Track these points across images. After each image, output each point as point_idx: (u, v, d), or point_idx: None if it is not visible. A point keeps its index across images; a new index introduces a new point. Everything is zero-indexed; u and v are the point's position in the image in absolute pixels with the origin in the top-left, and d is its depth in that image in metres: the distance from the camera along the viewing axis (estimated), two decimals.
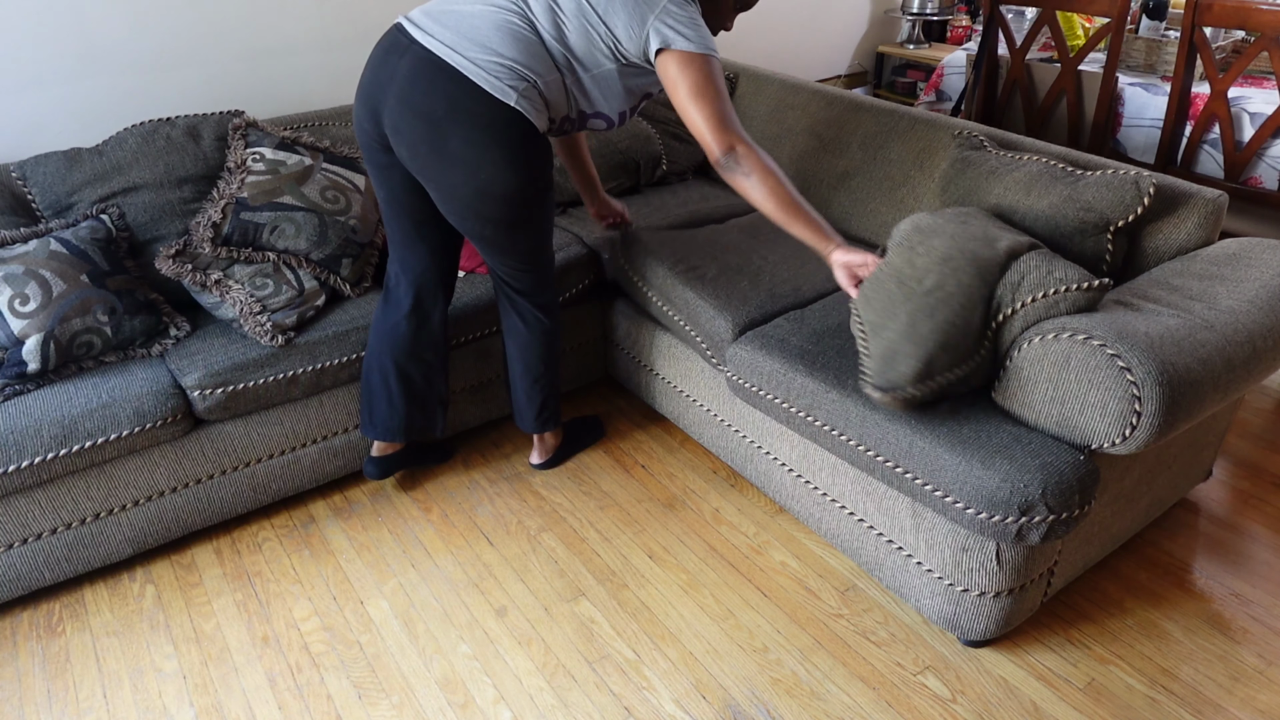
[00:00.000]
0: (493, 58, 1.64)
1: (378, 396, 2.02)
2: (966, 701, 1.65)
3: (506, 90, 1.64)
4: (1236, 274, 1.70)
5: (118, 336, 1.93)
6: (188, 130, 2.19)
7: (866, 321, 1.64)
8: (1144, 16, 3.11)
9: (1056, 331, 1.52)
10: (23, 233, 1.95)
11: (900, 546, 1.74)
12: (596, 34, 1.71)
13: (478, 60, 1.64)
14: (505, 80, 1.64)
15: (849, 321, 1.70)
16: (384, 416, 2.03)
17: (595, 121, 1.86)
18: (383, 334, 1.98)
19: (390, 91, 1.68)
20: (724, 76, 1.73)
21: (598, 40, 1.71)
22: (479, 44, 1.64)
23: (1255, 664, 1.71)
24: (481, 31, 1.65)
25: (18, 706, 1.69)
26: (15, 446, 1.72)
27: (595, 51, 1.72)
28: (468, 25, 1.66)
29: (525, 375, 2.10)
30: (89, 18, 2.26)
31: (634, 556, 2.01)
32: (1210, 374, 1.47)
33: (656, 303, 2.17)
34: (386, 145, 1.77)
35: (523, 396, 2.14)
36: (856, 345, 1.67)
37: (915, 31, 4.05)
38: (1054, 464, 1.49)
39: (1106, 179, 1.79)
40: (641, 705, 1.66)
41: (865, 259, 1.71)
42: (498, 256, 1.90)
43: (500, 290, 2.02)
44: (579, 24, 1.70)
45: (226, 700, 1.69)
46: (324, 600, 1.92)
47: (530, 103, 1.67)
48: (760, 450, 2.03)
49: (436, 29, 1.66)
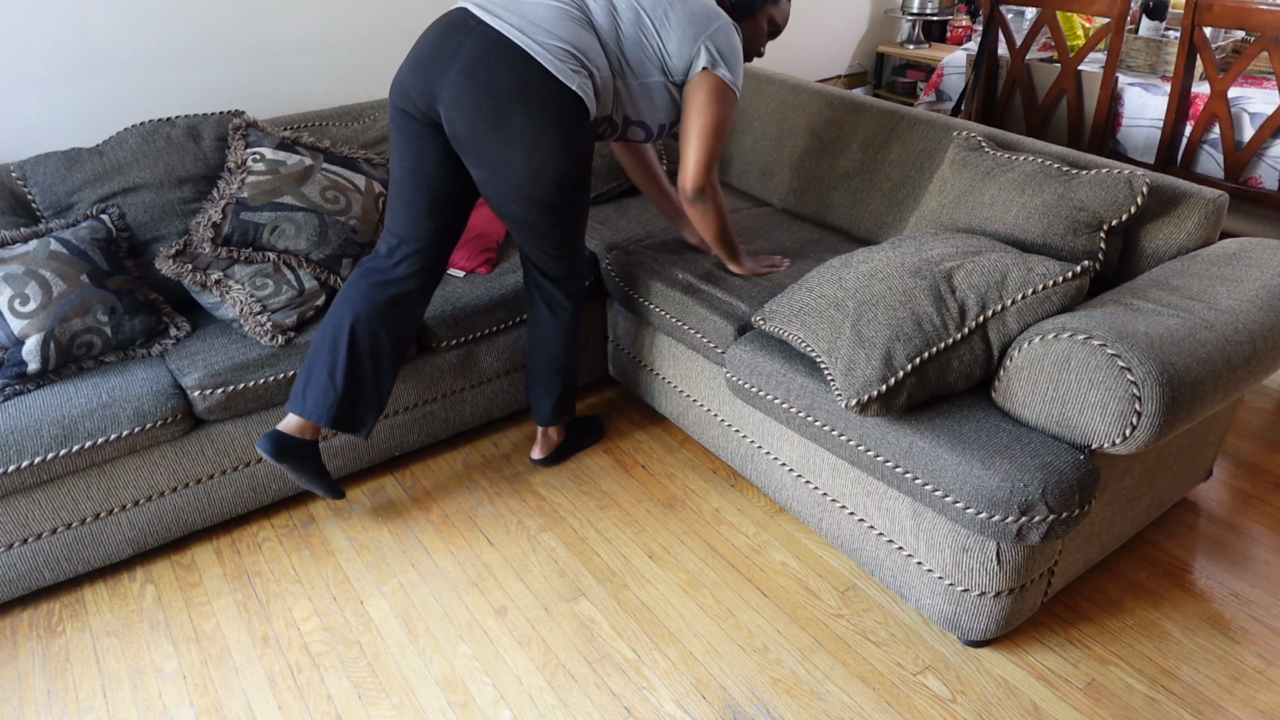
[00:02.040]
0: (558, 43, 1.69)
1: (318, 367, 1.86)
2: (966, 701, 1.65)
3: (570, 74, 1.69)
4: (1236, 274, 1.70)
5: (118, 336, 1.93)
6: (188, 130, 2.19)
7: (820, 351, 1.70)
8: (1144, 16, 3.11)
9: (1056, 331, 1.52)
10: (23, 233, 1.95)
11: (900, 546, 1.74)
12: (650, 45, 1.80)
13: (544, 44, 1.68)
14: (569, 65, 1.69)
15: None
16: (318, 391, 1.85)
17: (634, 130, 1.92)
18: (350, 297, 1.86)
19: (454, 65, 1.69)
20: None
21: (650, 51, 1.81)
22: (545, 29, 1.69)
23: (1255, 664, 1.71)
24: (547, 19, 1.71)
25: (18, 706, 1.69)
26: (15, 446, 1.72)
27: (646, 61, 1.81)
28: (534, 12, 1.71)
29: (548, 364, 2.11)
30: (89, 18, 2.26)
31: (634, 556, 2.01)
32: (1210, 374, 1.47)
33: (659, 312, 2.18)
34: (429, 118, 1.76)
35: (542, 387, 2.15)
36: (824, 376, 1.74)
37: (915, 31, 4.05)
38: (1054, 464, 1.49)
39: (1100, 178, 1.79)
40: (641, 705, 1.66)
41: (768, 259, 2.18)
42: (535, 241, 1.90)
43: (530, 278, 2.03)
44: (634, 33, 1.79)
45: (226, 700, 1.69)
46: (324, 600, 1.92)
47: (586, 92, 1.72)
48: (760, 450, 2.03)
49: (504, 13, 1.71)
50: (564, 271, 1.99)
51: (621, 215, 2.55)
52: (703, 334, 2.06)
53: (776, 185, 2.63)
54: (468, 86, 1.67)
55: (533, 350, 2.12)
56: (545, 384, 2.14)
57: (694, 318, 2.08)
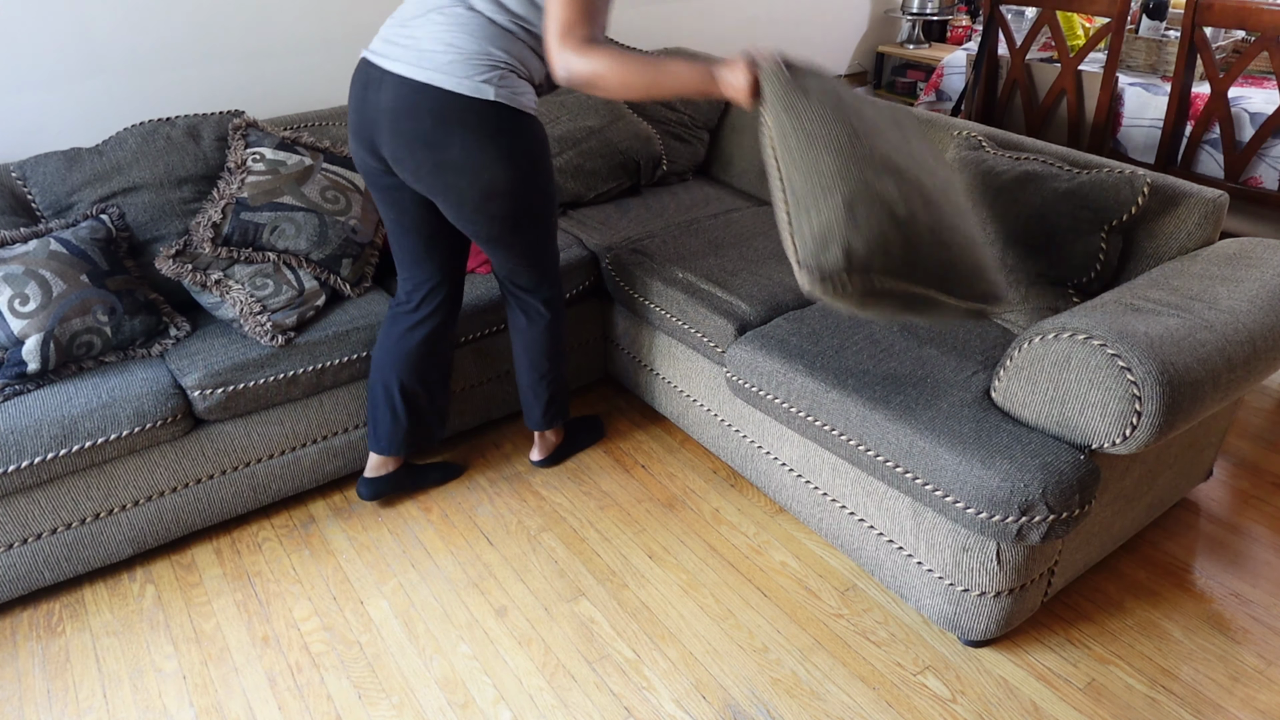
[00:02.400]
0: (457, 57, 1.63)
1: (381, 410, 2.02)
2: (966, 701, 1.65)
3: (482, 87, 1.63)
4: (1236, 274, 1.70)
5: (118, 336, 1.93)
6: (188, 130, 2.19)
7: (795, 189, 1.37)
8: (1144, 16, 3.11)
9: (1056, 331, 1.52)
10: (23, 233, 1.95)
11: (900, 546, 1.74)
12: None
13: (445, 65, 1.62)
14: (478, 76, 1.63)
15: None
16: (387, 430, 2.04)
17: None
18: (389, 348, 1.98)
19: (382, 125, 1.69)
20: None
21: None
22: (440, 47, 1.63)
23: (1255, 664, 1.71)
24: (437, 37, 1.63)
25: (18, 706, 1.69)
26: (15, 446, 1.72)
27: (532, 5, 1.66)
28: (423, 35, 1.64)
29: (531, 371, 2.10)
30: (89, 18, 2.26)
31: (634, 556, 2.01)
32: (1210, 374, 1.47)
33: (659, 312, 2.17)
34: (389, 170, 1.78)
35: (530, 394, 2.14)
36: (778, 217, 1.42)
37: (915, 31, 4.05)
38: (1054, 464, 1.49)
39: (1101, 178, 1.79)
40: (641, 705, 1.66)
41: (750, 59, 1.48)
42: (503, 253, 1.89)
43: (505, 288, 2.02)
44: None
45: (226, 700, 1.69)
46: (324, 600, 1.92)
47: (510, 88, 1.66)
48: (760, 450, 2.03)
49: (397, 52, 1.66)
50: (535, 280, 1.97)
51: (622, 215, 2.55)
52: (703, 333, 2.06)
53: None
54: (399, 141, 1.68)
55: (516, 359, 2.11)
56: (532, 391, 2.13)
57: (694, 317, 2.08)
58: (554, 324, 2.05)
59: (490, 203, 1.74)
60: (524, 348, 2.07)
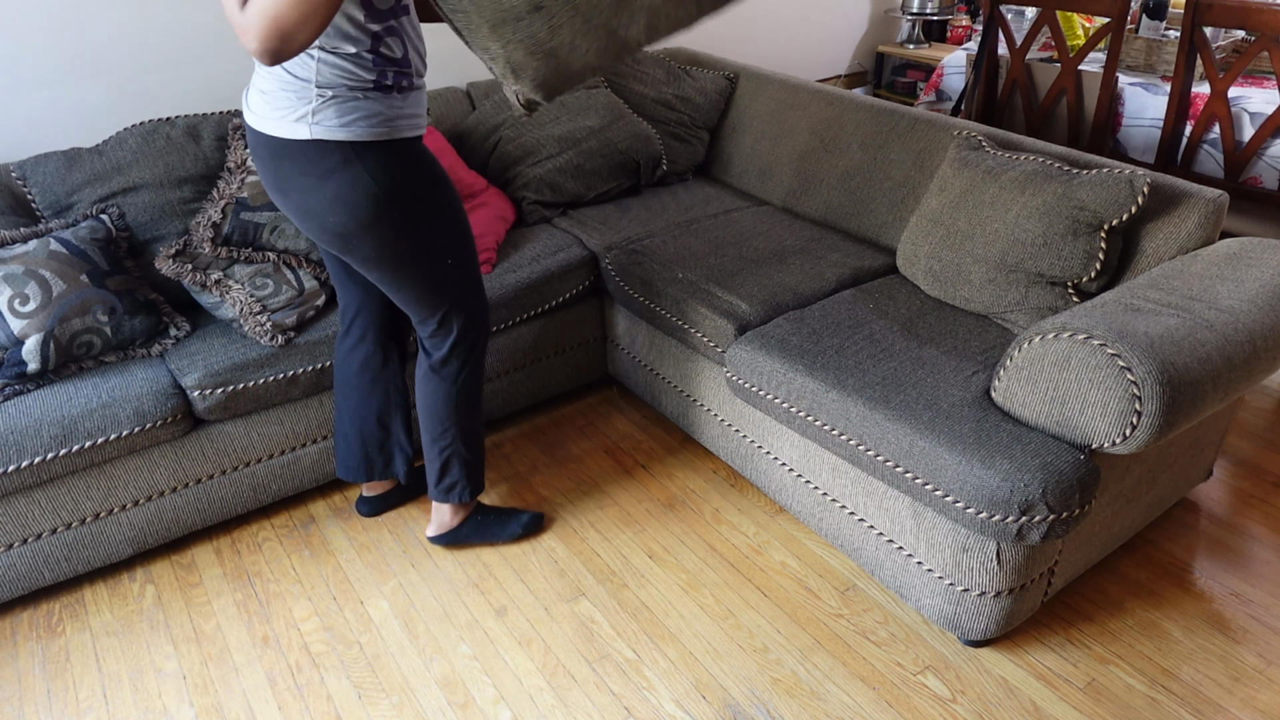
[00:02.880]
0: (272, 94, 1.48)
1: (338, 432, 1.99)
2: (966, 701, 1.65)
3: (295, 126, 1.47)
4: (1236, 274, 1.70)
5: (118, 336, 1.93)
6: (188, 130, 2.19)
7: None
8: (1144, 16, 3.11)
9: (1056, 331, 1.52)
10: (23, 233, 1.95)
11: (900, 546, 1.74)
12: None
13: (260, 109, 1.51)
14: (291, 114, 1.47)
15: None
16: (342, 454, 2.00)
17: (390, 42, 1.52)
18: (338, 373, 1.94)
19: None
20: None
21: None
22: (259, 88, 1.50)
23: (1255, 664, 1.71)
24: (259, 74, 1.51)
25: (18, 706, 1.69)
26: (15, 446, 1.72)
27: None
28: (256, 74, 1.53)
29: (426, 430, 1.85)
30: (89, 18, 2.26)
31: (634, 556, 2.01)
32: (1210, 374, 1.47)
33: (659, 312, 2.18)
34: None
35: (426, 453, 1.89)
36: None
37: (915, 31, 4.05)
38: (1054, 463, 1.49)
39: (1101, 178, 1.79)
40: (641, 705, 1.66)
41: None
42: (393, 293, 1.69)
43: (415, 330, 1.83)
44: None
45: (226, 700, 1.69)
46: (324, 600, 1.92)
47: (335, 119, 1.47)
48: (760, 450, 2.03)
49: (248, 96, 1.56)
50: (432, 327, 1.73)
51: (622, 215, 2.55)
52: (703, 334, 2.06)
53: (776, 185, 2.63)
54: (269, 192, 1.61)
55: (418, 405, 1.85)
56: (426, 449, 1.88)
57: (694, 317, 2.08)
58: (459, 380, 1.79)
59: (352, 243, 1.57)
60: (422, 399, 1.82)
